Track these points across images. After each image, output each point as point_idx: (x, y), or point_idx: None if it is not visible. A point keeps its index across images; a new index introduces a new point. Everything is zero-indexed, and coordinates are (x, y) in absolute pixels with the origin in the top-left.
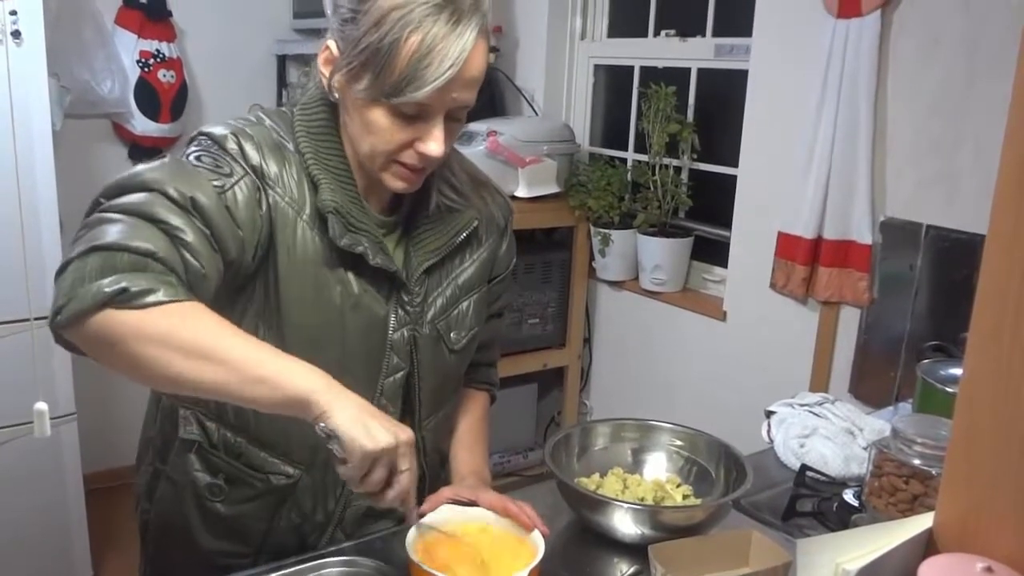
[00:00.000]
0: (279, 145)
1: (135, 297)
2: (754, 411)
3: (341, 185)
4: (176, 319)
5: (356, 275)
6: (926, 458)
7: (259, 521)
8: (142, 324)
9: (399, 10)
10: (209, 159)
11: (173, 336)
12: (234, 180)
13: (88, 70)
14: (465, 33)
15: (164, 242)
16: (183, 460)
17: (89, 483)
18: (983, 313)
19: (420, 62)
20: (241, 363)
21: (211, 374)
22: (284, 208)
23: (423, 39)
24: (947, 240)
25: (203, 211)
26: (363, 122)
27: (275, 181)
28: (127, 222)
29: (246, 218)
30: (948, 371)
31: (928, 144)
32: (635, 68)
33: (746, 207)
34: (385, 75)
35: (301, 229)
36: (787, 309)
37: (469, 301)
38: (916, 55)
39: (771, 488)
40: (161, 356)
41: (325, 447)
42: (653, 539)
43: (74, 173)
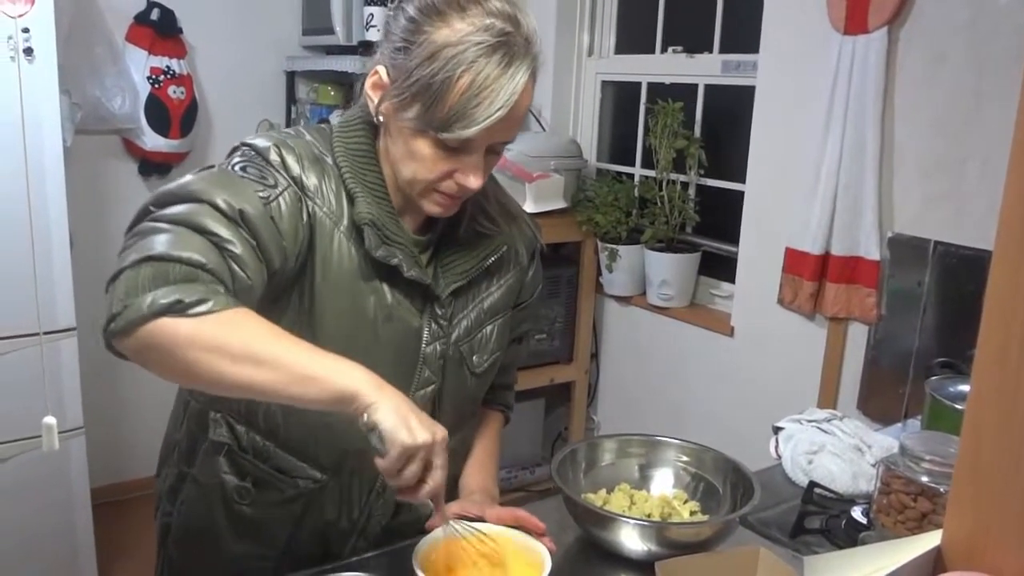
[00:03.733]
0: (319, 158)
1: (188, 307)
2: (762, 427)
3: (377, 200)
4: (227, 327)
5: (391, 287)
6: (934, 475)
7: (284, 525)
8: (195, 332)
9: (453, 48)
10: (254, 170)
11: (225, 343)
12: (278, 191)
13: (99, 86)
14: (516, 76)
15: (213, 253)
16: (212, 462)
17: (96, 497)
18: (990, 331)
19: (470, 101)
20: (290, 364)
21: (262, 376)
22: (323, 218)
23: (475, 79)
24: (955, 256)
25: (250, 222)
26: (407, 149)
27: (315, 192)
28: (177, 232)
29: (289, 228)
30: (957, 388)
31: (935, 160)
32: (642, 84)
33: (753, 222)
34: (435, 109)
35: (338, 240)
36: (795, 325)
37: (493, 325)
38: (923, 72)
39: (779, 505)
40: (213, 362)
41: (355, 449)
42: (660, 556)
43: (84, 189)
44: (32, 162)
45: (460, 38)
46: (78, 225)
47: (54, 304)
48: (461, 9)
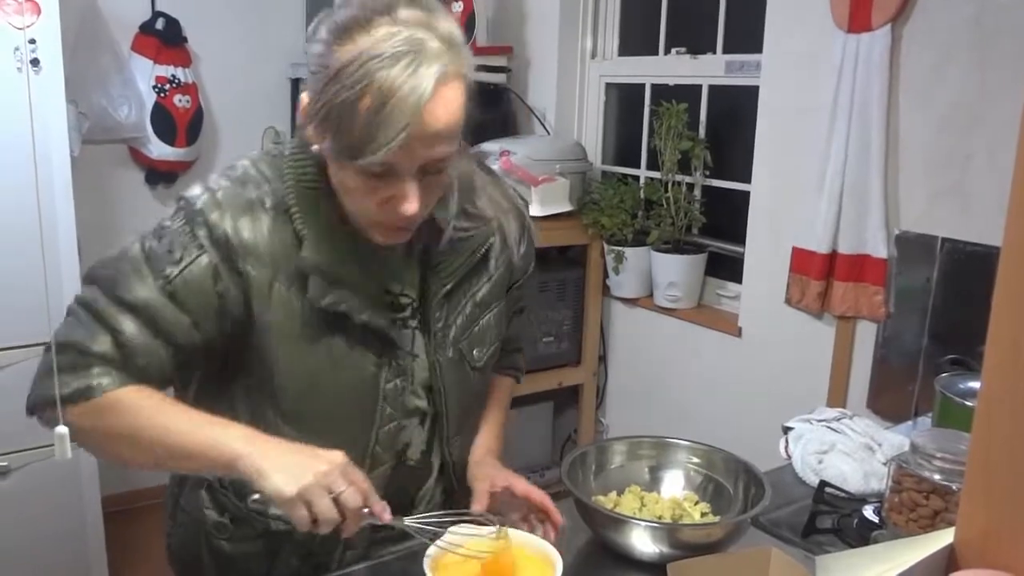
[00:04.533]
0: (253, 204)
1: (73, 395)
2: (771, 427)
3: (331, 233)
4: (109, 413)
5: (344, 333)
6: (946, 473)
7: (260, 562)
8: (78, 421)
9: (352, 65)
10: (166, 242)
11: (107, 429)
12: (184, 264)
13: (105, 96)
14: (421, 85)
15: (105, 338)
16: (196, 495)
17: (107, 505)
18: (1000, 326)
19: (374, 121)
20: (170, 443)
21: (149, 457)
22: (256, 277)
23: (376, 96)
24: (962, 253)
25: (140, 309)
26: (337, 180)
27: (248, 248)
28: (78, 317)
29: (196, 302)
30: (967, 385)
31: (941, 157)
32: (646, 86)
33: (759, 222)
34: (343, 136)
35: (277, 293)
36: (803, 324)
37: (490, 316)
38: (927, 69)
39: (790, 505)
40: (116, 449)
41: None
42: (671, 557)
43: (92, 198)
44: (40, 172)
45: (360, 53)
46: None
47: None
48: (367, 24)
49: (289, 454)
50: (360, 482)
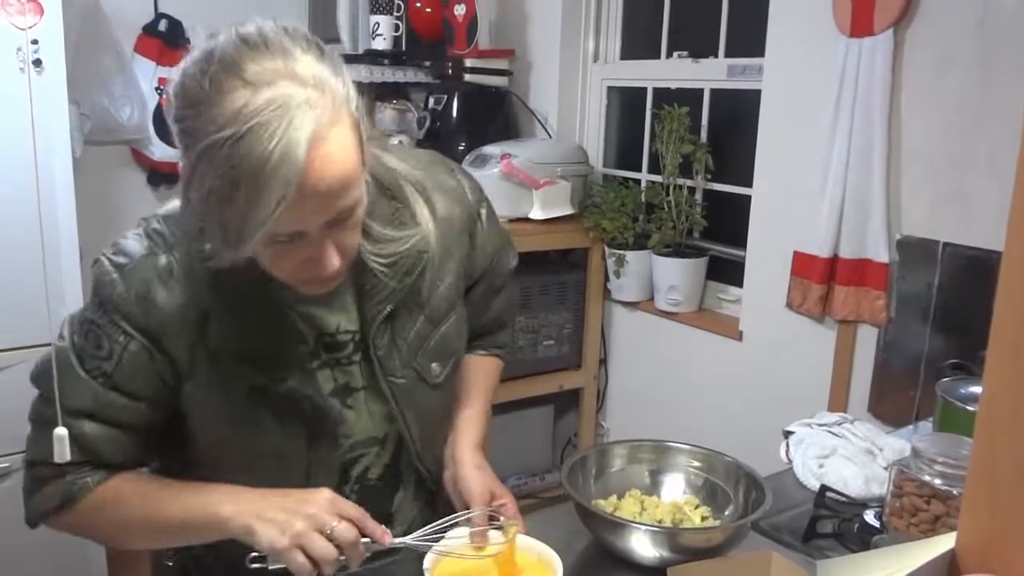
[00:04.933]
0: (162, 273)
1: (60, 508)
2: (772, 431)
3: (241, 309)
4: (98, 511)
5: (267, 403)
6: (947, 478)
7: None
8: (80, 519)
9: (214, 149)
10: (92, 339)
11: (104, 518)
12: (116, 356)
13: (107, 97)
14: (292, 154)
15: (72, 448)
16: None
17: None
18: (1001, 331)
19: (248, 204)
20: (162, 525)
21: (139, 540)
22: (180, 353)
23: (248, 179)
24: (964, 257)
25: (93, 411)
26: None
27: (160, 331)
28: (39, 433)
29: (141, 385)
30: (968, 389)
31: (943, 161)
32: (648, 89)
33: (761, 226)
34: (222, 225)
35: (200, 367)
36: (804, 328)
37: (444, 327)
38: (930, 73)
39: (790, 509)
40: (104, 538)
41: None
42: (672, 561)
43: (94, 199)
44: (42, 173)
45: (220, 132)
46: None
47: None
48: (217, 92)
49: (274, 505)
50: (351, 513)
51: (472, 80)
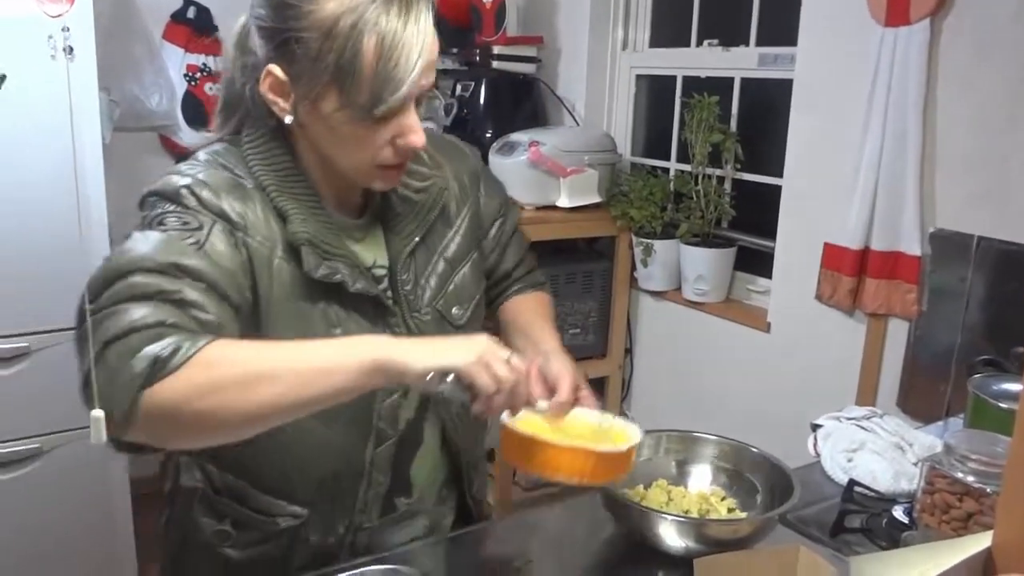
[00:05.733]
0: (238, 184)
1: (168, 361)
2: (800, 424)
3: (312, 212)
4: (217, 362)
5: (339, 303)
6: (980, 475)
7: (272, 563)
8: (187, 382)
9: (349, 15)
10: (174, 219)
11: (223, 376)
12: (206, 232)
13: (137, 84)
14: (420, 19)
15: (169, 309)
16: (188, 506)
17: (136, 488)
18: None
19: (387, 64)
20: (295, 368)
21: (274, 393)
22: (257, 248)
23: (382, 38)
24: (999, 252)
25: (191, 271)
26: (336, 139)
27: (242, 223)
28: (124, 308)
29: (232, 263)
30: (1001, 386)
31: (979, 155)
32: (677, 78)
33: (791, 217)
34: (354, 88)
35: (277, 266)
36: (833, 321)
37: (463, 272)
38: (966, 65)
39: (818, 503)
40: (222, 400)
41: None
42: (698, 552)
43: (123, 186)
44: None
45: (351, 4)
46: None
47: None
48: None
49: (439, 340)
50: (515, 361)
51: (500, 67)
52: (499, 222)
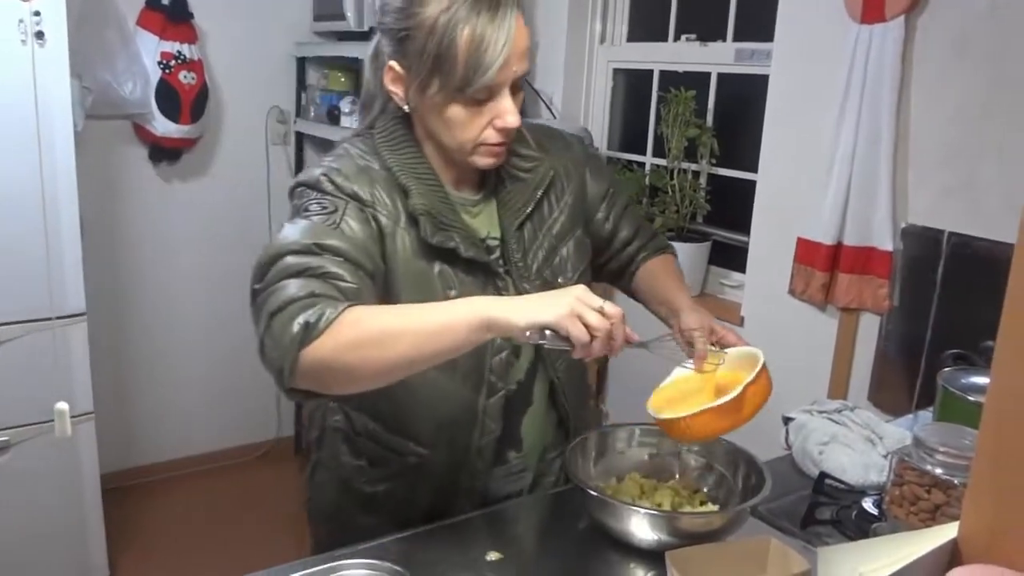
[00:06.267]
0: (364, 169)
1: (317, 325)
2: (772, 417)
3: (431, 189)
4: (356, 323)
5: (454, 269)
6: (949, 468)
7: (400, 499)
8: (335, 342)
9: (445, 14)
10: (316, 205)
11: (361, 335)
12: (340, 213)
13: (110, 71)
14: (507, 15)
15: (314, 283)
16: (333, 446)
17: (106, 483)
18: (1012, 322)
19: (477, 51)
20: (421, 325)
21: (404, 347)
22: (384, 221)
23: (474, 31)
24: (969, 248)
25: (330, 248)
26: (443, 121)
27: (370, 200)
28: (280, 286)
29: (365, 236)
30: (969, 380)
31: (951, 151)
32: (654, 72)
33: (765, 212)
34: (452, 74)
35: (400, 236)
36: (806, 315)
37: (567, 247)
38: (940, 61)
39: (789, 495)
40: (364, 355)
41: (447, 421)
42: (670, 545)
43: (95, 174)
44: (43, 147)
45: (447, 5)
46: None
47: (64, 289)
48: None
49: (535, 296)
50: (610, 310)
51: None
52: (607, 201)
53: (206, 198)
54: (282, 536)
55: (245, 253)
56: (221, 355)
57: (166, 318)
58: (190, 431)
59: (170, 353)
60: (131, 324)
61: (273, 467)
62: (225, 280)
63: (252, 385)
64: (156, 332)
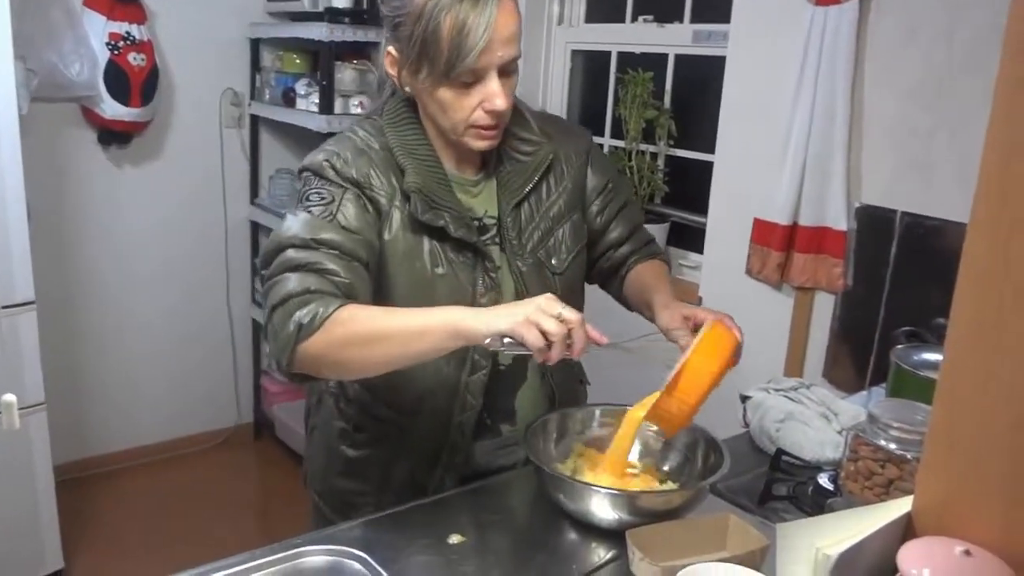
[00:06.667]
0: (363, 150)
1: (310, 325)
2: (730, 396)
3: (428, 169)
4: (345, 324)
5: (444, 247)
6: (902, 443)
7: (377, 466)
8: (327, 342)
9: (432, 1)
10: (315, 195)
11: (349, 337)
12: (338, 202)
13: (56, 52)
14: (489, 2)
15: (312, 278)
16: (327, 409)
17: (59, 474)
18: (963, 300)
19: (459, 36)
20: (401, 329)
21: (385, 349)
22: (379, 200)
23: (455, 18)
24: (921, 227)
25: (325, 242)
26: (436, 103)
27: (367, 181)
28: (282, 278)
29: (360, 224)
30: (921, 356)
31: (904, 132)
32: (612, 54)
33: (722, 193)
34: (437, 58)
35: (394, 213)
36: (762, 295)
37: (563, 229)
38: (894, 43)
39: (747, 473)
40: (351, 354)
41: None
42: (631, 524)
43: (42, 159)
44: None
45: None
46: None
47: (12, 278)
48: None
49: (502, 306)
50: (569, 316)
51: None
52: (603, 196)
53: (158, 182)
54: (242, 524)
55: (199, 238)
56: (177, 342)
57: (119, 305)
58: (147, 419)
59: (124, 341)
60: (83, 312)
61: (233, 454)
62: (179, 266)
63: (210, 372)
64: (109, 320)
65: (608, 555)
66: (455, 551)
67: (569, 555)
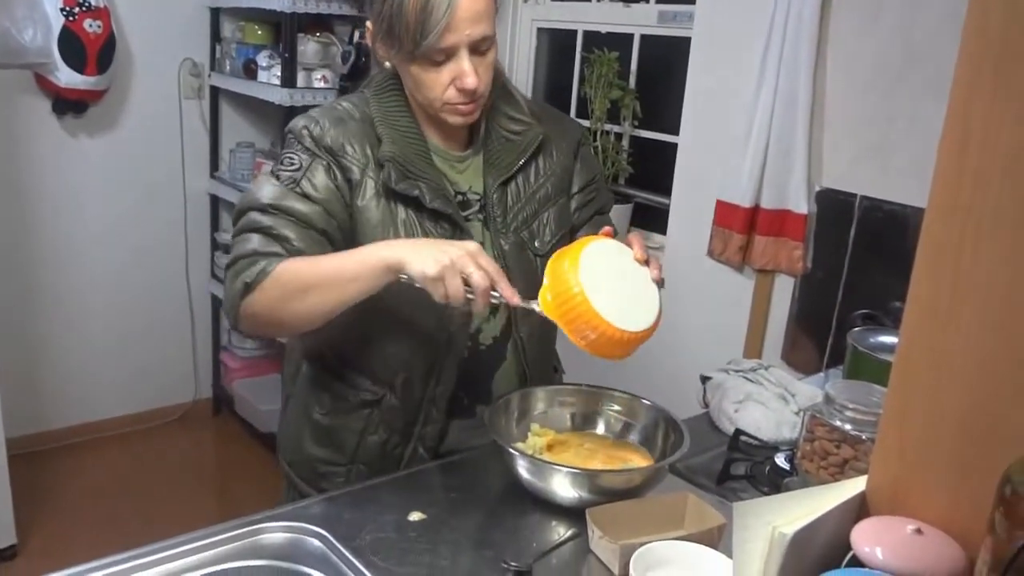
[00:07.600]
0: (342, 119)
1: (253, 283)
2: (691, 376)
3: (407, 140)
4: (282, 280)
5: (419, 218)
6: (857, 424)
7: (351, 434)
8: (267, 296)
9: None
10: (288, 159)
11: (286, 290)
12: (304, 169)
13: (8, 17)
14: None
15: (266, 240)
16: (304, 379)
17: (12, 448)
18: (920, 284)
19: (422, 15)
20: (332, 277)
21: (322, 297)
22: (352, 169)
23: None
24: (880, 211)
25: (284, 209)
26: (412, 80)
27: (340, 150)
28: (242, 238)
29: (325, 194)
30: (878, 339)
31: (864, 117)
32: (578, 33)
33: (686, 175)
34: (404, 36)
35: (369, 182)
36: (724, 277)
37: (548, 212)
38: (856, 27)
39: (706, 452)
40: (291, 307)
41: (403, 364)
42: (591, 502)
43: None
44: None
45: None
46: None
47: None
48: None
49: (427, 245)
50: (489, 267)
51: None
52: (583, 194)
53: (115, 153)
54: (200, 500)
55: (157, 210)
56: (134, 315)
57: (74, 277)
58: (103, 394)
59: (80, 313)
60: (37, 285)
61: (191, 430)
62: (137, 240)
63: (168, 346)
64: (64, 292)
65: (568, 533)
66: (414, 528)
67: (529, 533)
